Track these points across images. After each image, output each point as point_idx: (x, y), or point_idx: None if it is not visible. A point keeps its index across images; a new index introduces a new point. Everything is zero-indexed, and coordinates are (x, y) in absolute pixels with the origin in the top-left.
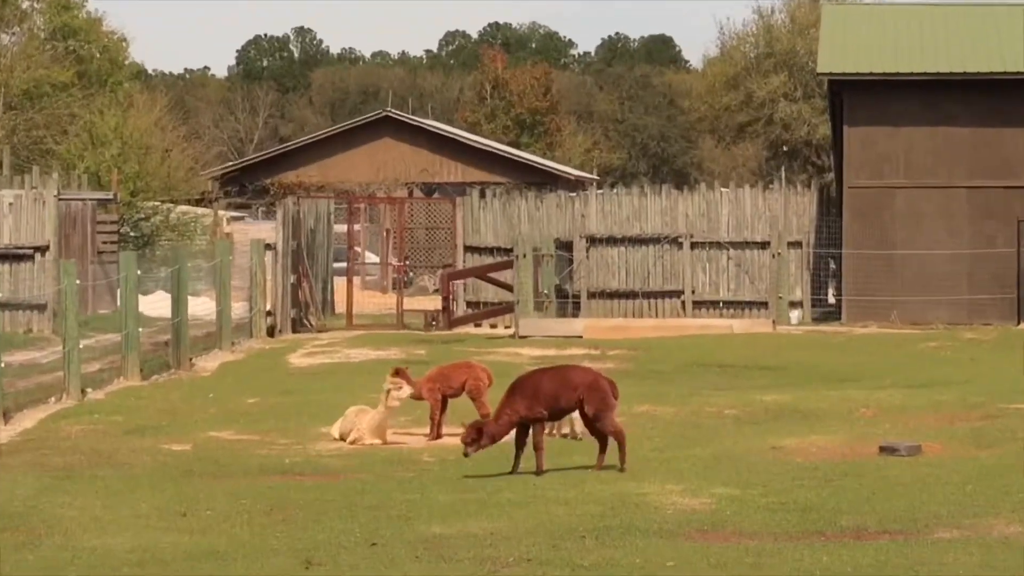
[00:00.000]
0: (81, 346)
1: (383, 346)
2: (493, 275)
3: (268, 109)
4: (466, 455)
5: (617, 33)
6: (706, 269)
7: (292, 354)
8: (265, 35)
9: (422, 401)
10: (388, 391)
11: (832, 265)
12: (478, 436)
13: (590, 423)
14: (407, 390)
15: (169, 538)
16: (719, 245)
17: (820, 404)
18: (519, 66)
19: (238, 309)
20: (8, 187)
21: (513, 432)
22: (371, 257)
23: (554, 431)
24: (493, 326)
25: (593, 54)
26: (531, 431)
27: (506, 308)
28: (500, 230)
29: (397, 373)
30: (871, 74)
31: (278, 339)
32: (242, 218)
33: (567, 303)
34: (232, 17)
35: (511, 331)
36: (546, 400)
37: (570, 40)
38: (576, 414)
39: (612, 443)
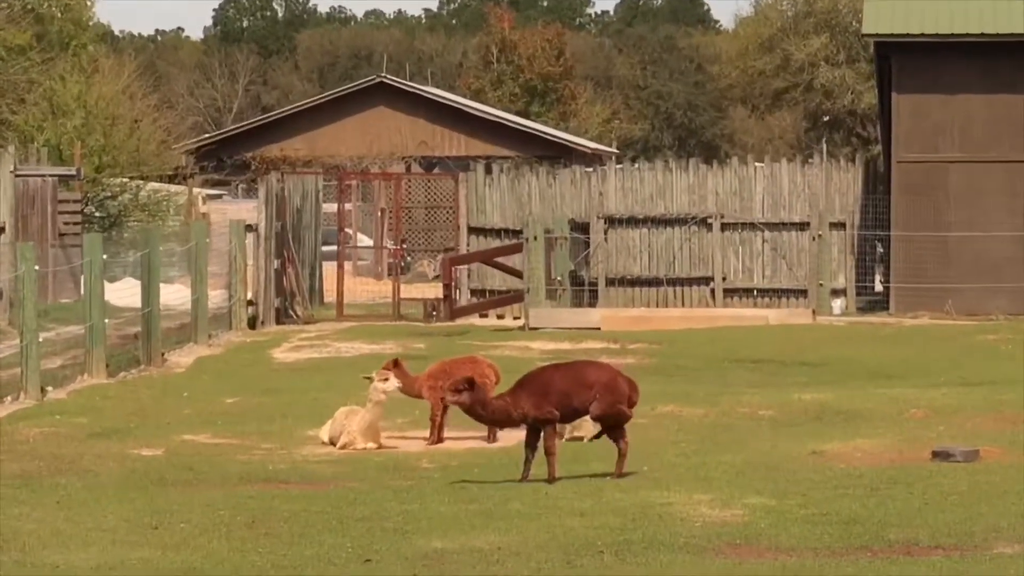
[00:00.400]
0: (40, 339)
1: (377, 339)
2: (500, 260)
3: (249, 75)
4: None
5: None
6: (738, 253)
7: (276, 348)
8: None
9: (421, 400)
10: (372, 382)
11: (879, 249)
12: (469, 388)
13: (607, 429)
14: (394, 382)
15: (138, 554)
16: (753, 226)
17: (866, 404)
18: (529, 27)
19: (216, 298)
20: None
21: (520, 440)
22: (364, 240)
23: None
24: (500, 317)
25: (612, 13)
26: (542, 435)
27: (515, 297)
28: (508, 209)
29: (394, 365)
30: (923, 35)
31: (260, 331)
32: (220, 196)
33: (583, 291)
34: None
35: (520, 322)
36: (557, 399)
37: None
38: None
39: (633, 450)
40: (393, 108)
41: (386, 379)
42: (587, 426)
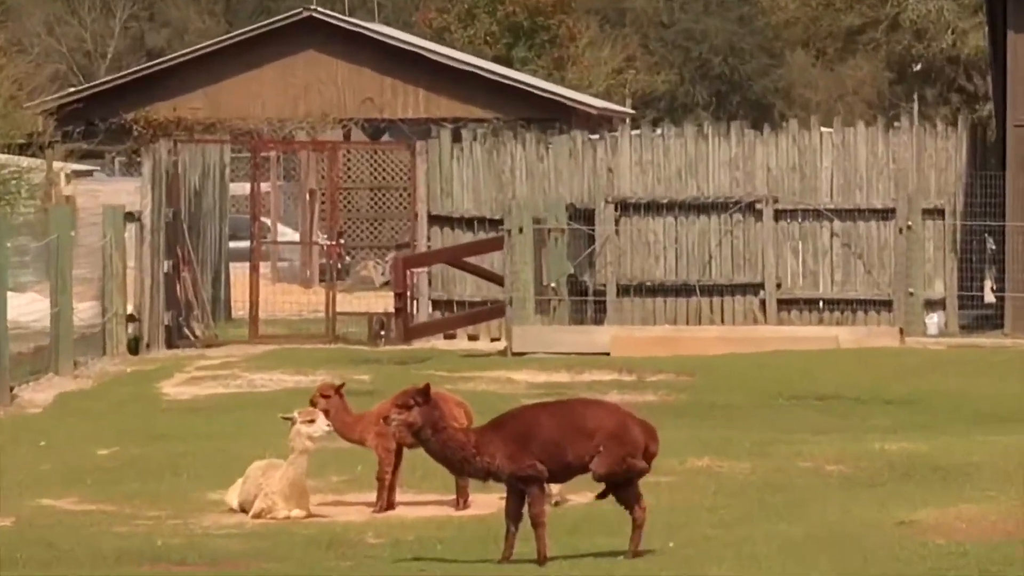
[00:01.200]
0: None
1: (305, 368)
2: (472, 260)
3: (129, 8)
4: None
5: None
6: (798, 251)
7: (166, 380)
8: None
9: (365, 450)
10: (294, 425)
11: (990, 245)
12: (422, 401)
13: (614, 488)
14: (322, 424)
15: None
16: (818, 214)
17: (972, 456)
18: None
19: (85, 312)
20: None
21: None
22: (287, 233)
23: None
24: (473, 338)
25: None
26: (526, 499)
27: (493, 311)
28: (484, 191)
29: (336, 392)
30: None
31: (145, 358)
32: (90, 173)
33: (586, 303)
34: None
35: (500, 345)
36: (544, 449)
37: None
38: None
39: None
40: (327, 53)
41: (312, 420)
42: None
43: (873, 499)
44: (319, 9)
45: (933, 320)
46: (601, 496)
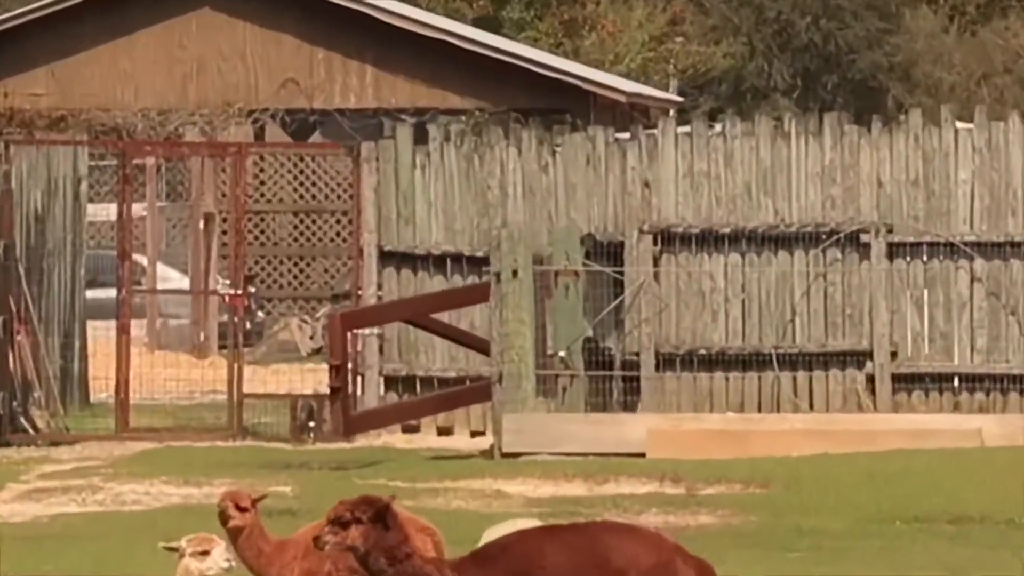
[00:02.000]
0: None
1: (196, 476)
2: (444, 317)
3: None
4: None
5: None
6: (922, 303)
7: None
8: None
9: None
10: (181, 559)
11: None
12: (371, 520)
13: None
14: (219, 559)
15: None
16: (952, 249)
17: None
18: None
19: None
20: None
21: None
22: (171, 276)
23: None
24: (445, 431)
25: None
26: None
27: (474, 391)
28: (461, 216)
29: (252, 505)
30: None
31: None
32: None
33: (610, 380)
34: None
35: (485, 442)
36: None
37: None
38: None
39: None
40: (230, 13)
41: (206, 551)
42: None
43: None
44: None
45: None
46: None
